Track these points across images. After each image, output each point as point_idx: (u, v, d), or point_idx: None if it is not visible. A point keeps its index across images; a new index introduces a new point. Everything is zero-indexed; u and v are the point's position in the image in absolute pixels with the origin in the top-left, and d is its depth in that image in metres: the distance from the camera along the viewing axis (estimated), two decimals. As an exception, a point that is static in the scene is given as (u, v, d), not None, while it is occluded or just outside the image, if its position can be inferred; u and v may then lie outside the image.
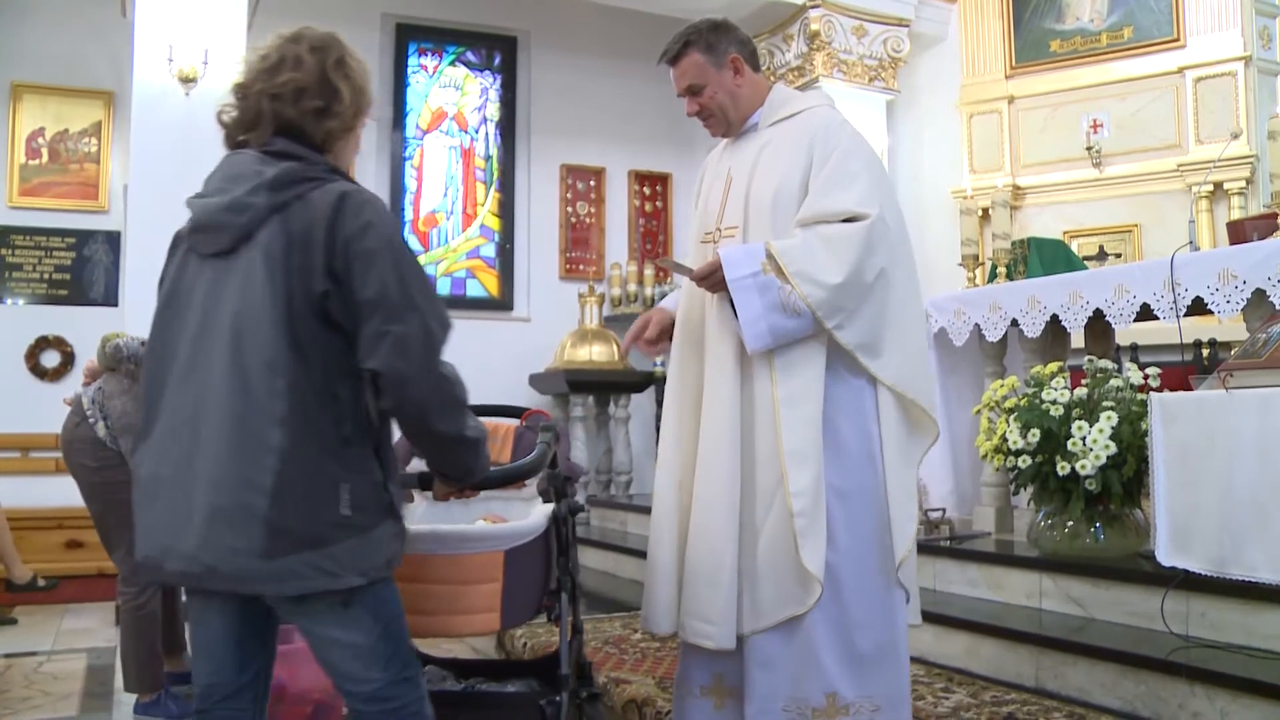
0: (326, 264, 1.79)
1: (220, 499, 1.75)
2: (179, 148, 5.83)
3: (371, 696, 1.89)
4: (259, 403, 1.76)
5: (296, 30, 1.97)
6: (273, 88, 1.90)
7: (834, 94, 7.14)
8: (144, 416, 1.91)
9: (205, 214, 1.90)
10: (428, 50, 8.40)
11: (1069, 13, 7.22)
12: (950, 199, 7.34)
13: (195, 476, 1.77)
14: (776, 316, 2.39)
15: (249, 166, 1.89)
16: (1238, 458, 3.14)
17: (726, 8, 7.37)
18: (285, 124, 1.91)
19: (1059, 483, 3.73)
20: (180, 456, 1.81)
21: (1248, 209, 6.23)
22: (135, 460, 1.92)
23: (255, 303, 1.79)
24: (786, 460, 2.41)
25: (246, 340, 1.78)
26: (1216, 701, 2.89)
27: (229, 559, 1.75)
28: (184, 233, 1.98)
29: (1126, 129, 6.88)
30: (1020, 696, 3.30)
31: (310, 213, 1.82)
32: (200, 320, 1.85)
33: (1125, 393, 3.74)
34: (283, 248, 1.80)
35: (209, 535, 1.75)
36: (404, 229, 8.19)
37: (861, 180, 2.47)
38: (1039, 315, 4.35)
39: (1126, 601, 3.51)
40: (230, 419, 1.76)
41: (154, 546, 1.83)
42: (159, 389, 1.88)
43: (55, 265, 7.30)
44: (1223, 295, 3.62)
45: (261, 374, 1.76)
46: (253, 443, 1.75)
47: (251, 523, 1.73)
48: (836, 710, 2.40)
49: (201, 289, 1.87)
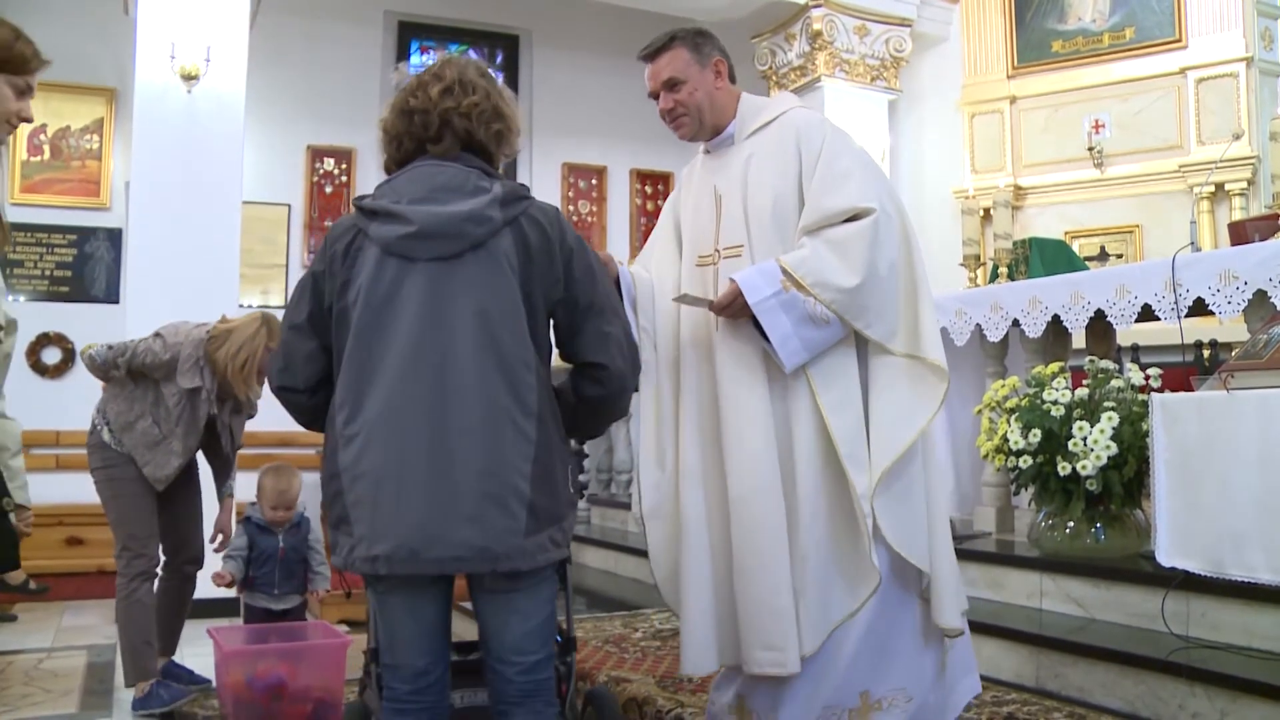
0: (562, 273, 2.05)
1: (490, 485, 1.90)
2: (181, 145, 5.85)
3: (531, 667, 2.03)
4: (519, 397, 1.95)
5: (451, 56, 2.22)
6: (464, 107, 2.08)
7: (836, 94, 7.18)
8: (348, 412, 1.96)
9: (440, 223, 1.97)
10: (430, 48, 8.40)
11: (1071, 13, 7.22)
12: (952, 199, 7.34)
13: (455, 466, 1.89)
14: (807, 330, 2.38)
15: (458, 179, 2.03)
16: (1238, 459, 3.14)
17: (729, 7, 7.38)
18: (472, 141, 2.10)
19: (1060, 483, 3.73)
20: (425, 448, 1.90)
21: (1249, 210, 6.23)
22: (347, 457, 1.94)
23: (505, 306, 1.97)
24: (846, 464, 2.37)
25: (501, 340, 1.95)
26: (1216, 702, 2.89)
27: (501, 539, 1.91)
28: (374, 235, 2.01)
29: (1128, 129, 6.88)
30: (1020, 696, 3.30)
31: (540, 226, 2.05)
32: (421, 319, 1.94)
33: (1126, 393, 3.74)
34: (520, 257, 2.00)
35: (483, 519, 1.89)
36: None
37: (854, 176, 2.46)
38: (1040, 315, 4.35)
39: (1127, 602, 3.51)
40: (492, 411, 1.92)
41: (411, 537, 1.89)
42: (367, 385, 1.94)
43: (57, 262, 7.31)
44: (1224, 296, 3.61)
45: (520, 371, 1.96)
46: (514, 433, 1.93)
47: (519, 505, 1.92)
48: (870, 708, 2.42)
49: (416, 291, 1.96)
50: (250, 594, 3.94)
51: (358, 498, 1.92)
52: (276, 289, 7.72)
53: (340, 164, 7.95)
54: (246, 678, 3.27)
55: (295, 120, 7.78)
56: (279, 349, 2.14)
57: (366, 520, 1.92)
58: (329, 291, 2.05)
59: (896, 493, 2.41)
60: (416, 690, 2.04)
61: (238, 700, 3.25)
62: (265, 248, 7.61)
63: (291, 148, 7.81)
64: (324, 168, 7.91)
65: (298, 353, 2.09)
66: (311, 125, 7.83)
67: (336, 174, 7.93)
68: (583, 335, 2.08)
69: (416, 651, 2.03)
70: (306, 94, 7.80)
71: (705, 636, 2.50)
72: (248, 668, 3.29)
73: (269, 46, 7.06)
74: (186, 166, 5.82)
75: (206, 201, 5.80)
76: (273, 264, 7.69)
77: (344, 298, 2.02)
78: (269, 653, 3.37)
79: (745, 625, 2.43)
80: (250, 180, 6.69)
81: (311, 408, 2.12)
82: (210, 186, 5.83)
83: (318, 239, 7.83)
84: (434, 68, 2.13)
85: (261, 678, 3.28)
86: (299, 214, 7.84)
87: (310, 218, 7.85)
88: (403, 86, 2.13)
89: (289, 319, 2.12)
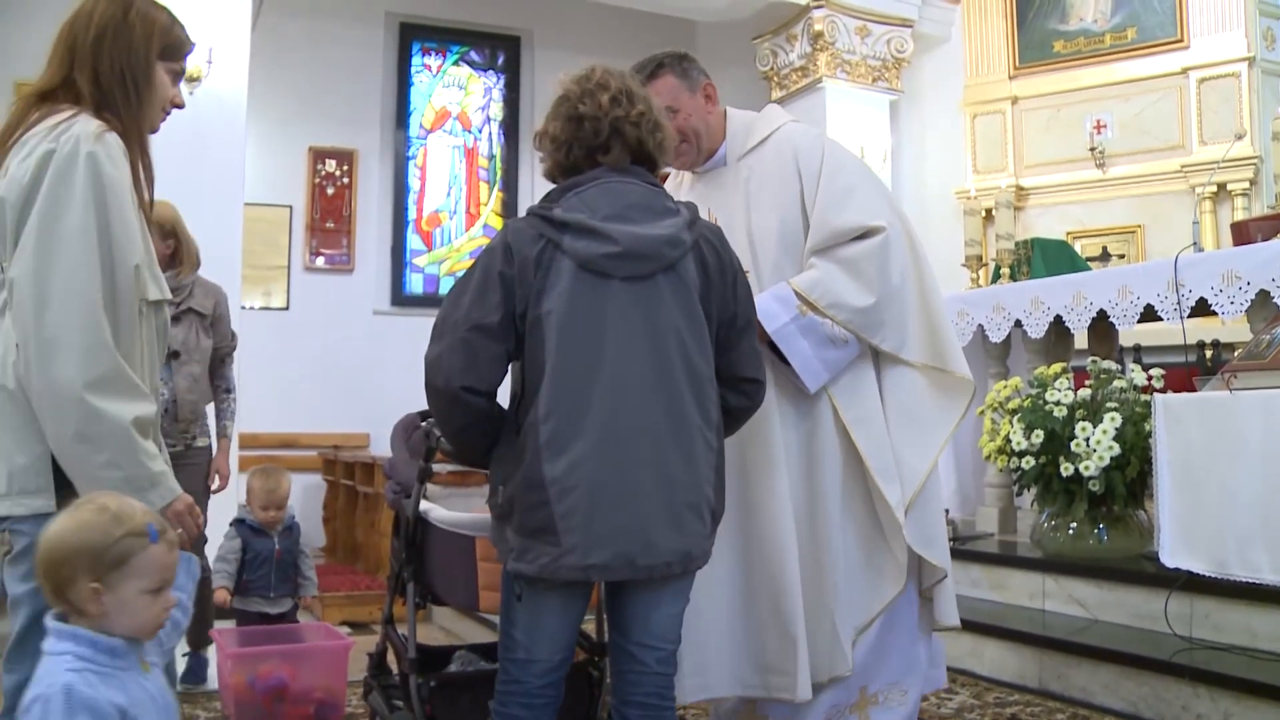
0: (733, 292, 2.14)
1: (690, 496, 2.03)
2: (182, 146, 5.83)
3: (668, 658, 2.14)
4: (708, 413, 2.07)
5: (603, 66, 2.21)
6: (634, 116, 2.12)
7: (837, 95, 7.17)
8: (556, 424, 1.97)
9: (643, 243, 2.02)
10: (431, 50, 8.41)
11: (1072, 13, 7.22)
12: (954, 200, 7.33)
13: (665, 479, 2.00)
14: (826, 351, 2.44)
15: (648, 197, 2.09)
16: (1241, 459, 3.14)
17: (729, 8, 7.38)
18: (641, 150, 2.14)
19: (1062, 484, 3.73)
20: (642, 463, 1.99)
21: (1251, 210, 6.22)
22: (556, 469, 1.96)
23: (695, 325, 2.06)
24: (877, 478, 2.43)
25: (692, 358, 2.05)
26: (1220, 703, 2.88)
27: (699, 543, 2.06)
28: (570, 249, 2.01)
29: (1130, 130, 6.87)
30: (1023, 698, 3.30)
31: (714, 248, 2.13)
32: (628, 338, 2.01)
33: (1129, 394, 3.74)
34: (701, 277, 2.09)
35: (685, 526, 2.02)
36: (406, 229, 8.20)
37: (858, 192, 2.49)
38: (1043, 316, 4.35)
39: (1130, 603, 3.51)
40: (690, 429, 2.04)
41: (627, 546, 1.98)
42: (581, 399, 1.98)
43: (58, 264, 7.31)
44: (1226, 296, 3.61)
45: (708, 389, 2.08)
46: (705, 447, 2.06)
47: (707, 511, 2.07)
48: (866, 701, 2.49)
49: (615, 308, 2.01)
50: (244, 599, 3.86)
51: (569, 509, 1.95)
52: (278, 290, 7.72)
53: (342, 165, 7.94)
54: (248, 679, 3.27)
55: (297, 122, 7.78)
56: (458, 346, 2.01)
57: (580, 530, 1.95)
58: (521, 298, 2.01)
59: (921, 500, 2.48)
60: (547, 684, 2.11)
61: (239, 702, 3.25)
62: (267, 249, 7.60)
63: (293, 149, 7.81)
64: (326, 169, 7.91)
65: (485, 353, 2.01)
66: (313, 127, 7.83)
67: (338, 175, 7.93)
68: (739, 351, 2.16)
69: (556, 646, 2.11)
70: (308, 95, 7.80)
71: (730, 655, 2.50)
72: (249, 669, 3.28)
73: (271, 48, 7.06)
74: (188, 168, 5.82)
75: (208, 203, 5.79)
76: (274, 265, 7.69)
77: (539, 307, 2.00)
78: (271, 654, 3.36)
79: (765, 652, 2.45)
80: (252, 182, 6.68)
81: (487, 413, 2.06)
82: (212, 188, 5.81)
83: (319, 240, 7.84)
84: (594, 77, 2.16)
85: (263, 679, 3.27)
86: (300, 215, 7.84)
87: (312, 219, 7.85)
88: (561, 95, 2.18)
89: (473, 317, 2.00)
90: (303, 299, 7.69)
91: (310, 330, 7.49)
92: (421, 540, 2.69)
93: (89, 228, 1.79)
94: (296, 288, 7.73)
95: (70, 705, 1.51)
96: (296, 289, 7.72)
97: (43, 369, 1.75)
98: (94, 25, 1.91)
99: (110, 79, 1.92)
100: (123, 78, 1.93)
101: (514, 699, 2.10)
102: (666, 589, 2.10)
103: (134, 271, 1.86)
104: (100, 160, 1.82)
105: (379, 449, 6.84)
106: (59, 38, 1.94)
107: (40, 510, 1.77)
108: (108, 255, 1.81)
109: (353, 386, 7.37)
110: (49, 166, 1.79)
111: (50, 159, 1.80)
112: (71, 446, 1.75)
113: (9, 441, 1.80)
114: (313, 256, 7.82)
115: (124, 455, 1.77)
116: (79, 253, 1.78)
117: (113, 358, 1.78)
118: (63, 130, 1.83)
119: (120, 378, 1.79)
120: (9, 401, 1.80)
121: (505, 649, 2.13)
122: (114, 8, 1.93)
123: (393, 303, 8.00)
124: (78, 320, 1.76)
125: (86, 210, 1.79)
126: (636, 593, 2.10)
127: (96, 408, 1.74)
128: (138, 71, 1.94)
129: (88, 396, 1.74)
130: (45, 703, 1.50)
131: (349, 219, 7.93)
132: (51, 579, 1.57)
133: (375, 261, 8.01)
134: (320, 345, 7.47)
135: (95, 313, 1.78)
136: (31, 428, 1.78)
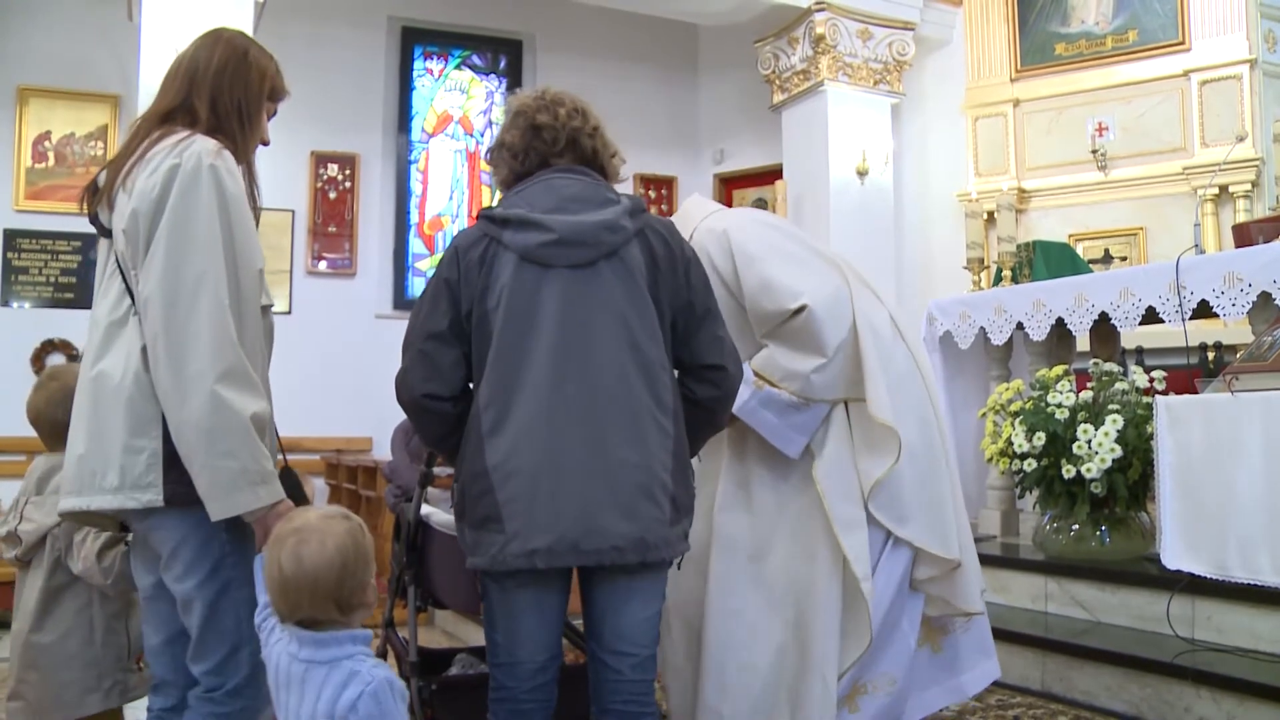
0: (684, 281, 2.15)
1: (640, 477, 2.00)
2: (185, 151, 5.86)
3: (643, 664, 2.11)
4: (660, 397, 2.06)
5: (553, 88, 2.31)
6: (589, 130, 2.22)
7: (839, 97, 7.18)
8: (495, 413, 2.00)
9: (578, 230, 2.06)
10: (433, 53, 8.41)
11: (1074, 16, 7.22)
12: (955, 202, 7.33)
13: (608, 460, 1.98)
14: (793, 416, 2.58)
15: (588, 190, 2.14)
16: (1243, 461, 3.13)
17: (731, 11, 7.39)
18: (595, 160, 2.23)
19: (1064, 486, 3.73)
20: (579, 445, 1.98)
21: (1253, 212, 6.21)
22: (495, 456, 1.98)
23: (640, 311, 2.07)
24: (836, 527, 2.54)
25: (639, 342, 2.05)
26: (1222, 705, 2.88)
27: (654, 529, 2.01)
28: (510, 242, 2.06)
29: (1131, 132, 6.87)
30: (1026, 700, 3.30)
31: (662, 237, 2.15)
32: (564, 324, 2.02)
33: (1130, 396, 3.74)
34: (648, 265, 2.11)
35: (638, 510, 1.99)
36: (408, 232, 8.21)
37: (772, 281, 2.59)
38: (1044, 318, 4.35)
39: (1132, 605, 3.50)
40: (638, 410, 2.03)
41: (570, 529, 1.96)
42: (515, 386, 2.00)
43: (61, 269, 7.32)
44: (1228, 298, 3.61)
45: (659, 373, 2.07)
46: (657, 429, 2.04)
47: (663, 496, 2.02)
48: (857, 691, 2.59)
49: (554, 296, 2.03)
50: None
51: (510, 494, 1.96)
52: (280, 294, 7.72)
53: (344, 169, 7.95)
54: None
55: (299, 126, 7.77)
56: (418, 359, 2.08)
57: (522, 516, 1.96)
58: (466, 298, 2.06)
59: (927, 502, 2.61)
60: (535, 687, 2.09)
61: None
62: (269, 253, 7.52)
63: (295, 153, 7.81)
64: (328, 173, 7.92)
65: (444, 360, 2.07)
66: (315, 131, 7.83)
67: (340, 179, 7.94)
68: (699, 339, 2.16)
69: (538, 647, 2.08)
70: (310, 100, 7.80)
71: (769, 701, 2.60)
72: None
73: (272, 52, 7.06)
74: (190, 172, 5.83)
75: (210, 207, 5.81)
76: (277, 270, 7.69)
77: (484, 303, 2.05)
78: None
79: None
80: (254, 186, 6.69)
81: (455, 417, 2.09)
82: (214, 192, 5.84)
83: (322, 245, 7.84)
84: (549, 94, 2.26)
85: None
86: (303, 219, 7.84)
87: (314, 223, 7.86)
88: (517, 109, 2.26)
89: (427, 328, 2.08)
90: (305, 303, 7.70)
91: (313, 334, 7.49)
92: (423, 544, 2.70)
93: (215, 234, 1.94)
94: (299, 292, 7.73)
95: (394, 692, 1.75)
96: (299, 293, 7.73)
97: (174, 362, 1.88)
98: (215, 61, 2.15)
99: (228, 107, 2.13)
100: (239, 108, 2.15)
101: (503, 706, 2.10)
102: (633, 588, 2.07)
103: (258, 275, 2.02)
104: (221, 173, 1.99)
105: (382, 453, 6.84)
106: (176, 67, 2.16)
107: (150, 504, 1.91)
108: (232, 259, 1.96)
109: (355, 390, 7.37)
110: (175, 179, 1.96)
111: (176, 172, 1.96)
112: (195, 436, 1.87)
113: (124, 440, 1.92)
114: (315, 260, 7.83)
115: (242, 447, 1.88)
116: (206, 257, 1.92)
117: (239, 354, 1.91)
118: (185, 147, 2.00)
119: (244, 374, 1.91)
120: (127, 404, 1.93)
121: (490, 654, 2.14)
122: (236, 50, 2.19)
123: (395, 307, 8.00)
124: (207, 318, 1.89)
125: (212, 218, 1.95)
126: (601, 589, 2.08)
127: (224, 398, 1.86)
128: (251, 105, 2.18)
129: (217, 388, 1.86)
130: (376, 697, 1.72)
131: (351, 223, 7.94)
132: (346, 586, 1.78)
133: (377, 265, 8.01)
134: (323, 349, 7.47)
135: (223, 312, 1.91)
136: (145, 428, 1.92)
